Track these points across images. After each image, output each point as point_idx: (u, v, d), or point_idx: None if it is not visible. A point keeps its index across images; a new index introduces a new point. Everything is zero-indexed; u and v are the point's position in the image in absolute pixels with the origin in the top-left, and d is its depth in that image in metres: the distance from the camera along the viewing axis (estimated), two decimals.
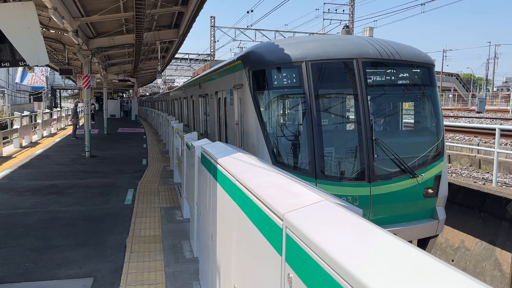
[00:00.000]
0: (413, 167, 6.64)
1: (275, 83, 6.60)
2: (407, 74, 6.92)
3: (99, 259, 5.69)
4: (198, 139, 6.40)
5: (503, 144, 12.37)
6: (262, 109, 6.63)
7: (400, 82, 6.89)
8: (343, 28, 8.53)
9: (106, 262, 5.61)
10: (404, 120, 7.81)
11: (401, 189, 6.55)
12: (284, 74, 6.56)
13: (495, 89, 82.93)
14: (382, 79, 6.78)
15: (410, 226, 6.62)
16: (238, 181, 2.87)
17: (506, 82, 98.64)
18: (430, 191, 6.72)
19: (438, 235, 6.99)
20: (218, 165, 3.65)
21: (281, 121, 6.88)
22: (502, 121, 22.41)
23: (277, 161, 6.38)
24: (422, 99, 7.16)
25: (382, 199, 6.46)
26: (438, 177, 6.83)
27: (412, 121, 7.86)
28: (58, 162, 14.24)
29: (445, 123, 11.58)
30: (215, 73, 10.33)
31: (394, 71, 6.83)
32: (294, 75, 6.55)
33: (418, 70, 7.00)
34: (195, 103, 15.20)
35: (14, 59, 7.47)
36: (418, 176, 6.60)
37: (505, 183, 9.79)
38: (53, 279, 5.09)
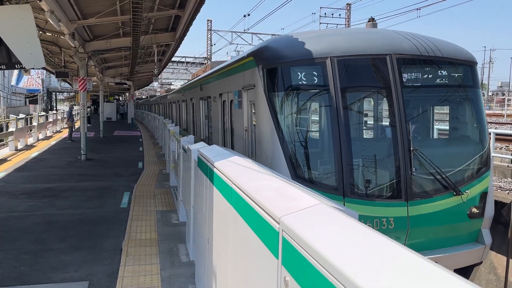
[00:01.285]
0: (456, 182, 5.67)
1: (294, 82, 5.68)
2: (448, 73, 5.95)
3: (94, 263, 5.67)
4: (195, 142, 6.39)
5: (498, 148, 12.44)
6: (278, 114, 5.71)
7: (440, 82, 5.92)
8: (369, 21, 7.27)
9: (102, 265, 5.59)
10: (436, 127, 6.92)
11: (443, 209, 5.58)
12: (305, 72, 5.63)
13: (490, 94, 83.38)
14: (420, 78, 5.80)
15: (454, 252, 5.64)
16: (234, 184, 2.88)
17: (501, 86, 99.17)
18: (475, 210, 5.77)
19: (482, 262, 6.04)
20: (214, 168, 3.65)
21: (302, 127, 5.97)
22: (497, 125, 22.53)
23: (297, 175, 5.49)
24: (464, 102, 6.24)
25: (422, 220, 5.49)
26: (484, 194, 5.85)
27: (447, 127, 6.89)
28: (54, 165, 14.18)
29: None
30: (220, 73, 9.35)
31: (434, 69, 5.87)
32: (317, 74, 5.64)
33: (460, 69, 6.05)
34: (195, 106, 14.21)
35: (10, 61, 7.46)
36: (463, 194, 5.64)
37: (500, 187, 9.83)
38: (48, 282, 5.07)
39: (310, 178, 5.58)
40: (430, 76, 5.87)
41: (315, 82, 5.68)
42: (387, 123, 5.89)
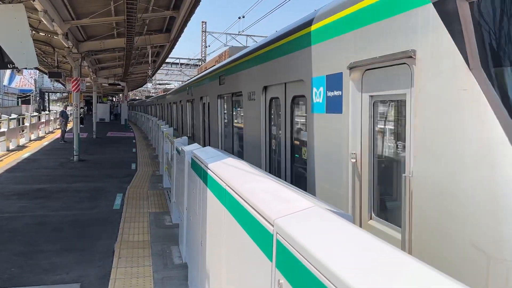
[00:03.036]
0: None
1: None
2: None
3: (86, 265, 5.62)
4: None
5: None
6: None
7: None
8: None
9: (94, 267, 5.55)
10: None
11: None
12: None
13: None
14: None
15: None
16: (228, 186, 2.87)
17: None
18: None
19: None
20: (208, 170, 3.64)
21: None
22: None
23: None
24: None
25: None
26: None
27: None
28: (46, 166, 14.08)
29: None
30: (270, 48, 5.81)
31: None
32: None
33: None
34: (209, 108, 10.71)
35: (2, 61, 7.42)
36: None
37: None
38: (40, 284, 5.02)
39: None
40: None
41: None
42: None
